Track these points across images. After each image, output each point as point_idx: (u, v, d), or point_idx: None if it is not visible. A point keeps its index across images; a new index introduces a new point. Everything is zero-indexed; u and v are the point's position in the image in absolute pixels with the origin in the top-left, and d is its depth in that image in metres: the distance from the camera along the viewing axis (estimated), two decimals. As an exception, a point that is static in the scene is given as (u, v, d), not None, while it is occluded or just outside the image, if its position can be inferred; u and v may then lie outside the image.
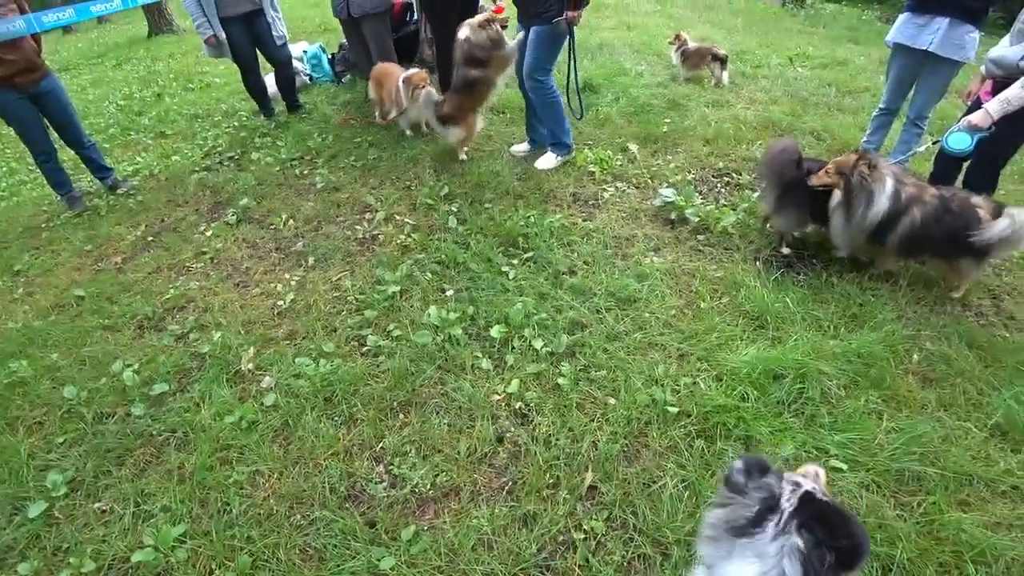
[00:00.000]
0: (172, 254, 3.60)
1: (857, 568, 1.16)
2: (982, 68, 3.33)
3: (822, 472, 1.51)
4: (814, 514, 1.18)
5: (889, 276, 3.09)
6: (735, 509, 1.23)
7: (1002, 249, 2.81)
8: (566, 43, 3.82)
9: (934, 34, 3.45)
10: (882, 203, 2.85)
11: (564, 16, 3.54)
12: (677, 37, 6.06)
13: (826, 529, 1.15)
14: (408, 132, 4.78)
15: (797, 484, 1.26)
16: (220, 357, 2.73)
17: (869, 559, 1.16)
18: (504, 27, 3.92)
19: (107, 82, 7.75)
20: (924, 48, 3.50)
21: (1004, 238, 2.70)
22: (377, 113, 5.11)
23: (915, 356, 2.64)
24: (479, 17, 3.89)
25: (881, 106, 4.00)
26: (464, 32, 3.83)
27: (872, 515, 1.97)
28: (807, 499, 1.22)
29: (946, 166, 3.51)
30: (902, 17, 3.65)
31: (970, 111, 3.18)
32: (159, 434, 2.39)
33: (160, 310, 3.12)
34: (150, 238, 3.83)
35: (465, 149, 4.36)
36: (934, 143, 3.31)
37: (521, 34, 3.90)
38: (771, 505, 1.19)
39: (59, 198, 4.43)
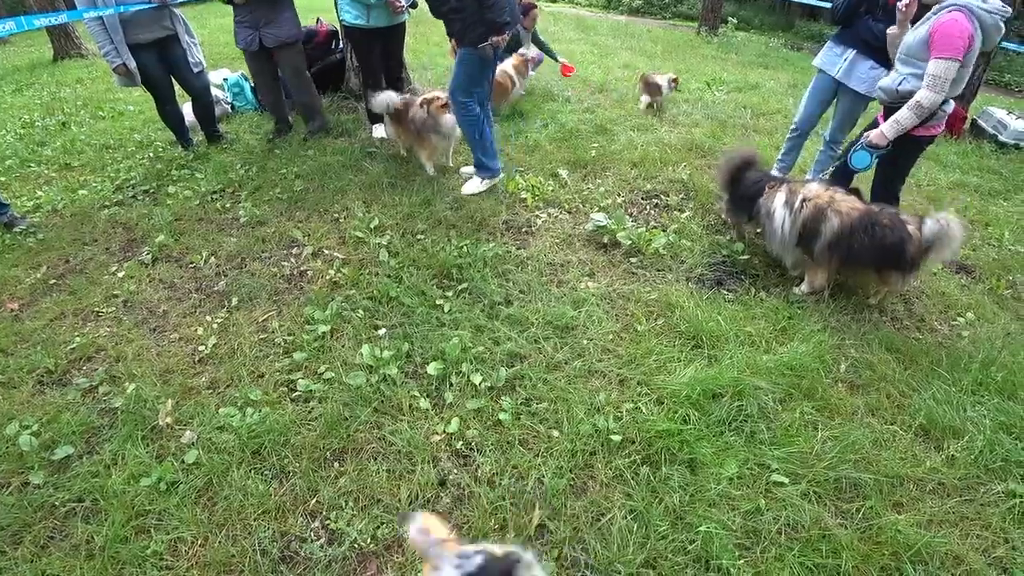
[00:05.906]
0: (78, 298, 3.27)
1: None
2: None
3: None
4: None
5: (813, 295, 3.22)
6: None
7: (934, 253, 2.90)
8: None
9: (843, 63, 3.73)
10: (778, 210, 3.16)
11: (490, 41, 3.54)
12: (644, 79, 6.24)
13: None
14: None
15: None
16: (134, 412, 2.48)
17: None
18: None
19: (4, 108, 7.10)
20: (834, 75, 3.77)
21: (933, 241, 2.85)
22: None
23: (842, 365, 2.76)
24: (426, 95, 4.18)
25: (793, 127, 4.25)
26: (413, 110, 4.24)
27: (815, 526, 2.01)
28: None
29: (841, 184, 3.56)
30: (827, 45, 3.93)
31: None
32: (63, 504, 2.13)
33: (64, 362, 2.81)
34: (52, 281, 3.46)
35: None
36: (836, 163, 3.55)
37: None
38: None
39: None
